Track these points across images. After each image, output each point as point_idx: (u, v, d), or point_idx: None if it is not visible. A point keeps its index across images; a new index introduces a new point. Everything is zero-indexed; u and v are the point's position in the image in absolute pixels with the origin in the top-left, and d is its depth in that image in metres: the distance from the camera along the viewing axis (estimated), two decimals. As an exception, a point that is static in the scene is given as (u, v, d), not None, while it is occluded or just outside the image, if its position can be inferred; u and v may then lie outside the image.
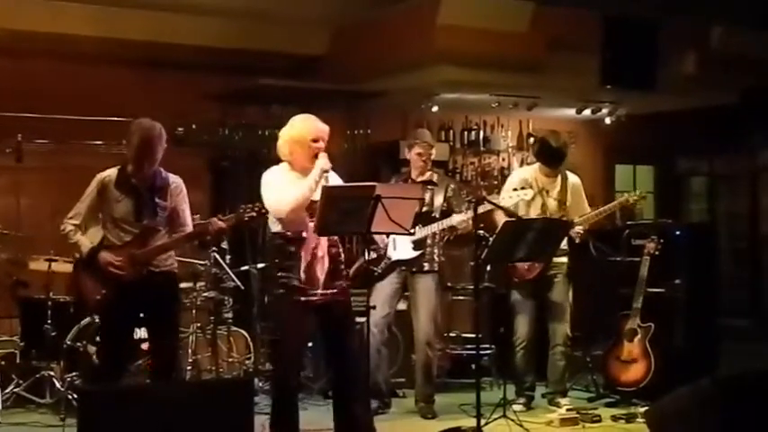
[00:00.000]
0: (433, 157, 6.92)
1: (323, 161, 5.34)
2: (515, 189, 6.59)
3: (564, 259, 6.96)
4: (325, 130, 5.50)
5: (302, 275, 5.33)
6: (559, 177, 7.05)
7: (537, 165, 7.16)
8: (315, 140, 5.43)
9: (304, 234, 5.34)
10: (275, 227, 5.46)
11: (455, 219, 6.61)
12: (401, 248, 6.72)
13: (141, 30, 8.60)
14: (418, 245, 6.72)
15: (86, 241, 5.43)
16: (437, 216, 6.73)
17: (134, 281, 5.41)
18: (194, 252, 7.56)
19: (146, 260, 5.44)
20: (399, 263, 6.76)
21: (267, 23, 9.00)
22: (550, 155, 6.98)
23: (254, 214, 5.54)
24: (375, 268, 6.70)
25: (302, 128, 5.49)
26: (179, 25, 8.74)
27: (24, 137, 7.43)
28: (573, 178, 7.13)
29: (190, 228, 5.63)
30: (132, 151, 5.42)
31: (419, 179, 6.82)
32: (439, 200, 6.78)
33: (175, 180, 5.63)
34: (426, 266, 6.80)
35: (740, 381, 5.36)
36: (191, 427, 4.62)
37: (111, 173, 5.46)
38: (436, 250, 6.83)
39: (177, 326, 5.93)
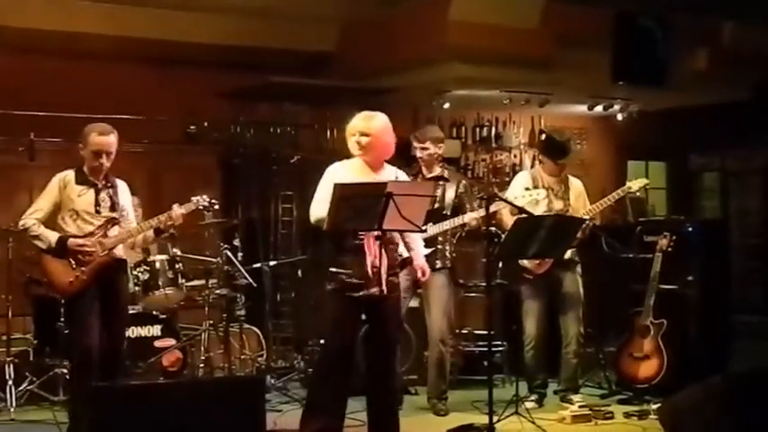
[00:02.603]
0: (441, 152, 6.90)
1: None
2: (527, 188, 6.59)
3: (568, 254, 6.92)
4: (365, 125, 5.59)
5: (361, 272, 5.33)
6: (562, 178, 7.07)
7: (540, 166, 7.27)
8: (352, 135, 5.57)
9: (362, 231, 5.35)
10: None
11: (466, 217, 6.61)
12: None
13: (153, 28, 8.63)
14: (429, 243, 6.70)
15: (51, 231, 5.76)
16: (448, 213, 6.71)
17: (102, 264, 5.76)
18: (208, 249, 7.60)
19: (113, 246, 5.82)
20: (409, 261, 6.75)
21: (278, 21, 9.02)
22: (556, 149, 7.02)
23: (207, 204, 6.04)
24: None
25: (349, 123, 5.65)
26: (191, 23, 8.76)
27: (37, 135, 7.46)
28: (575, 181, 7.16)
29: (134, 225, 5.98)
30: (90, 152, 5.77)
31: (429, 175, 6.80)
32: (450, 196, 6.76)
33: (122, 182, 6.04)
34: (438, 264, 6.76)
35: (752, 377, 5.35)
36: (202, 425, 4.64)
37: (70, 173, 5.84)
38: (448, 247, 6.81)
39: (128, 312, 6.40)
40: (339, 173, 5.54)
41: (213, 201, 6.11)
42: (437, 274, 6.75)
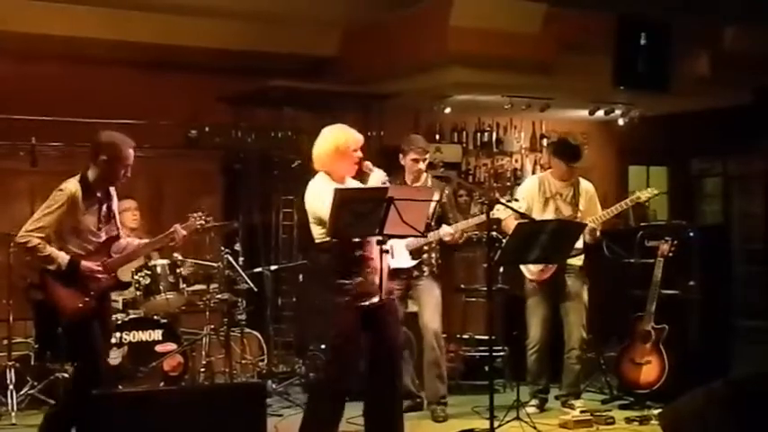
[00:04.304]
0: (426, 162, 6.91)
1: (379, 175, 5.47)
2: (508, 200, 6.59)
3: (578, 261, 6.94)
4: (362, 140, 5.60)
5: (366, 281, 5.34)
6: (572, 183, 7.06)
7: (548, 171, 7.24)
8: (355, 150, 5.51)
9: (367, 239, 5.34)
10: None
11: (441, 232, 6.66)
12: (399, 257, 6.74)
13: (153, 32, 8.63)
14: (414, 254, 6.76)
15: (62, 252, 5.47)
16: (432, 223, 6.72)
17: (107, 287, 5.60)
18: (209, 254, 7.61)
19: (118, 267, 5.66)
20: (399, 271, 6.78)
21: (279, 25, 9.02)
22: (569, 151, 7.02)
23: (204, 222, 5.93)
24: None
25: (346, 138, 5.53)
26: (191, 28, 8.76)
27: (38, 140, 7.46)
28: (586, 184, 7.14)
29: (120, 232, 5.82)
30: (113, 164, 5.48)
31: (414, 185, 6.81)
32: (432, 205, 6.76)
33: (111, 187, 5.75)
34: (426, 270, 6.86)
35: (754, 382, 5.34)
36: (203, 431, 4.64)
37: (76, 186, 5.49)
38: (434, 254, 6.89)
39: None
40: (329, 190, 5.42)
41: (208, 217, 6.01)
42: (425, 278, 6.80)
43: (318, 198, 5.40)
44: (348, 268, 5.36)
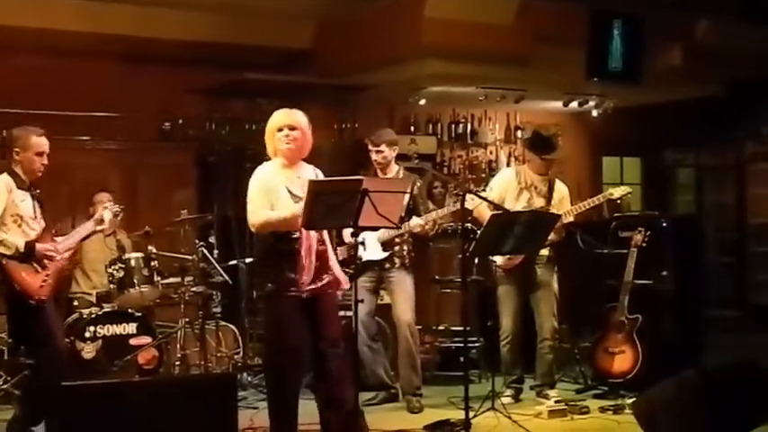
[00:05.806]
0: (395, 154, 6.92)
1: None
2: (479, 190, 6.60)
3: (546, 251, 6.96)
4: (292, 118, 5.48)
5: (293, 272, 5.33)
6: (549, 178, 7.08)
7: (527, 164, 7.25)
8: (279, 129, 5.46)
9: (296, 233, 5.34)
10: None
11: (412, 223, 6.67)
12: (371, 249, 6.75)
13: (126, 24, 8.57)
14: (385, 246, 6.77)
15: (16, 237, 5.71)
16: (403, 215, 6.72)
17: (61, 269, 5.97)
18: (183, 246, 7.58)
19: (65, 250, 5.98)
20: (370, 263, 6.79)
21: (253, 17, 8.98)
22: (542, 144, 7.04)
23: (116, 210, 6.36)
24: (346, 269, 6.66)
25: (271, 120, 5.54)
26: (165, 20, 8.71)
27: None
28: (561, 186, 7.17)
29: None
30: (33, 153, 5.78)
31: (386, 177, 6.81)
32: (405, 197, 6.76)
33: None
34: (398, 262, 6.86)
35: (725, 371, 5.40)
36: (174, 422, 4.63)
37: (7, 177, 5.77)
38: (406, 247, 6.89)
39: None
40: (270, 177, 5.51)
41: (121, 205, 6.43)
42: (396, 270, 6.81)
43: (249, 191, 5.54)
44: (277, 257, 5.38)
